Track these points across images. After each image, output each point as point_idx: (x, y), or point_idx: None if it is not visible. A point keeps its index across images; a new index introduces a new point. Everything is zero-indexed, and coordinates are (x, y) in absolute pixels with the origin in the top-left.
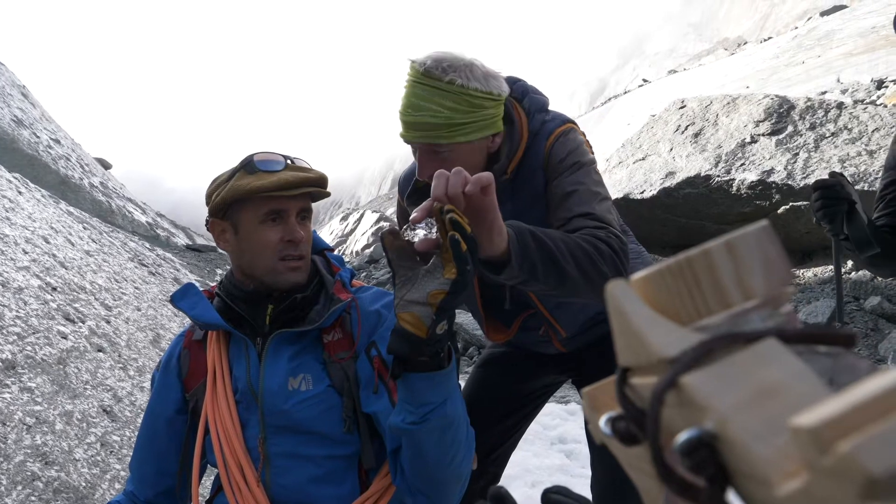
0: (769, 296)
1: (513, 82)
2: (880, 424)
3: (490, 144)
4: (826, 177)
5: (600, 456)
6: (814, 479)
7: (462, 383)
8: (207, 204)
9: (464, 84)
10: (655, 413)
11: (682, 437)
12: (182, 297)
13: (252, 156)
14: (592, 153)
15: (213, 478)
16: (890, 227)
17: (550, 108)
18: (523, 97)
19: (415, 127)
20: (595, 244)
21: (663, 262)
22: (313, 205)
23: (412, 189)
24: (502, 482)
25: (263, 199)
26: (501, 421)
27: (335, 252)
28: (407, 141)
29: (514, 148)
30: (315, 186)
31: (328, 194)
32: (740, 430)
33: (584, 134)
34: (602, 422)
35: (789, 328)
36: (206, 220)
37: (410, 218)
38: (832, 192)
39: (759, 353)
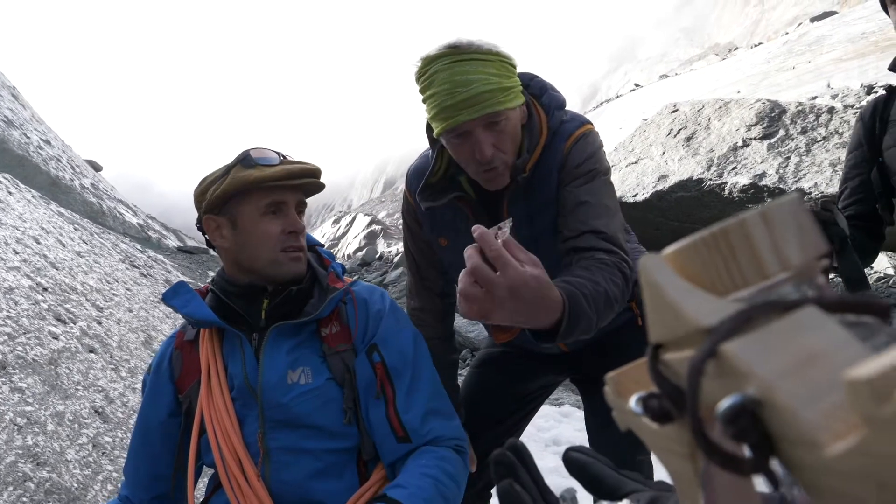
0: (805, 266)
1: (529, 79)
2: None
3: (523, 115)
4: (819, 201)
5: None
6: (871, 432)
7: (459, 384)
8: (199, 202)
9: (493, 50)
10: (695, 382)
11: (725, 403)
12: (174, 295)
13: (248, 151)
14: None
15: (206, 480)
16: (859, 218)
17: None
18: (542, 94)
19: (470, 103)
20: (615, 282)
21: (696, 234)
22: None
23: (424, 185)
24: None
25: (264, 192)
26: (500, 422)
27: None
28: (460, 127)
29: (534, 144)
30: (314, 176)
31: (323, 186)
32: (785, 395)
33: (599, 135)
34: (632, 401)
35: (828, 297)
36: (199, 219)
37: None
38: (824, 227)
39: (800, 321)
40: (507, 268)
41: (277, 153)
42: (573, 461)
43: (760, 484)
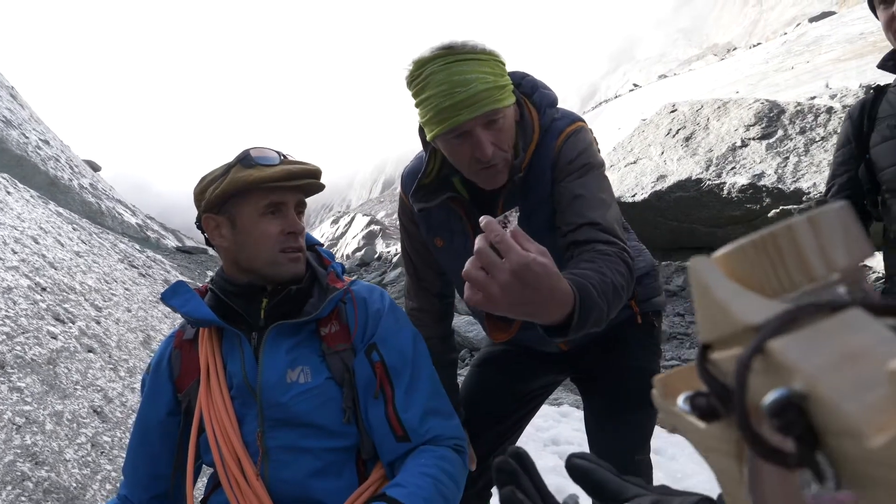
0: (850, 269)
1: (521, 77)
2: None
3: (515, 114)
4: (815, 200)
5: (598, 455)
6: None
7: (459, 383)
8: (199, 201)
9: (486, 49)
10: (743, 377)
11: (771, 396)
12: (173, 295)
13: (248, 150)
14: (600, 152)
15: (206, 479)
16: None
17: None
18: (533, 92)
19: (469, 102)
20: (620, 272)
21: (745, 238)
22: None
23: (417, 186)
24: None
25: (264, 192)
26: (500, 421)
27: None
28: (460, 127)
29: (527, 143)
30: (314, 177)
31: (323, 186)
32: (830, 389)
33: (591, 132)
34: (680, 400)
35: (873, 299)
36: (198, 218)
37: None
38: None
39: (845, 321)
40: (511, 252)
41: (278, 153)
42: (576, 467)
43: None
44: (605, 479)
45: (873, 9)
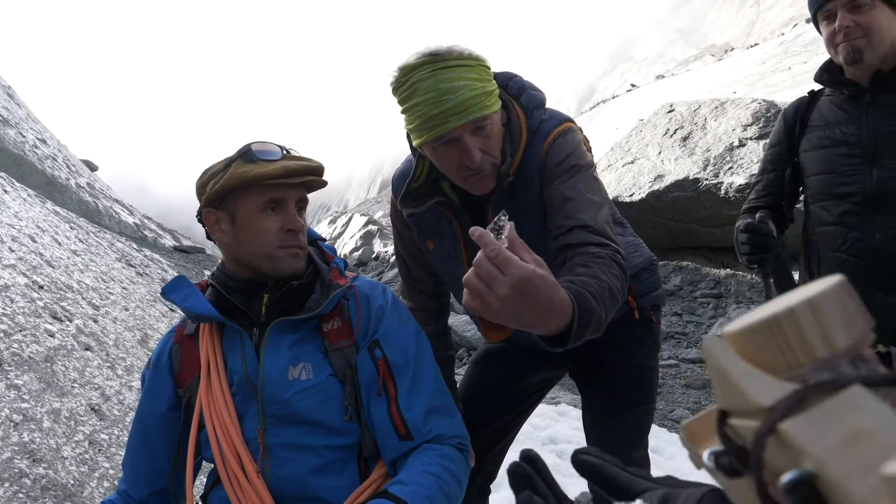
0: (852, 345)
1: (508, 78)
2: None
3: (502, 117)
4: (758, 216)
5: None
6: None
7: (458, 380)
8: (200, 194)
9: (472, 55)
10: (759, 456)
11: (787, 477)
12: (173, 290)
13: (249, 145)
14: (591, 152)
15: (206, 475)
16: (769, 209)
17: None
18: (521, 94)
19: (457, 109)
20: (615, 274)
21: (753, 320)
22: None
23: (406, 191)
24: (495, 481)
25: (264, 188)
26: (499, 417)
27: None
28: (448, 134)
29: (515, 147)
30: (315, 175)
31: (325, 183)
32: (837, 472)
33: (581, 131)
34: (706, 456)
35: (873, 374)
36: (199, 211)
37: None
38: (761, 239)
39: (848, 400)
40: (509, 266)
41: (280, 147)
42: (583, 463)
43: None
44: (614, 474)
45: (817, 25)
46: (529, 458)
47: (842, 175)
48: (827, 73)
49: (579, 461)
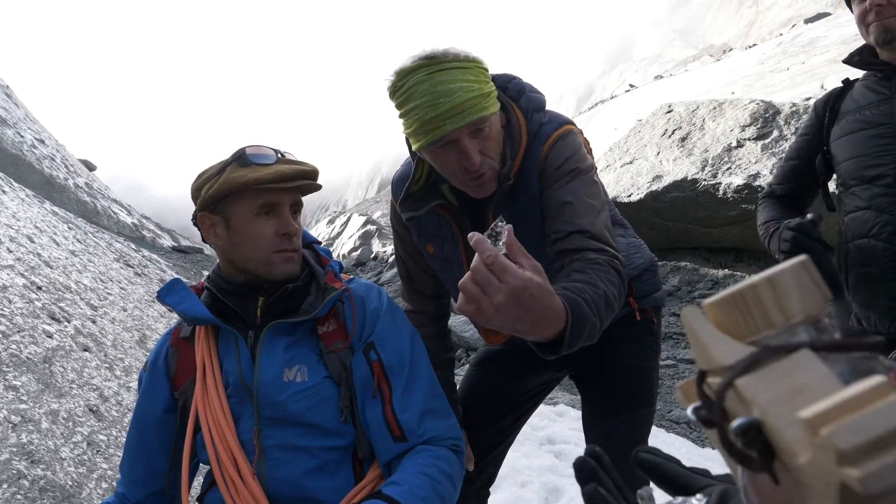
0: (807, 314)
1: (508, 80)
2: (852, 415)
3: (501, 120)
4: (809, 217)
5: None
6: (813, 452)
7: (457, 383)
8: (195, 198)
9: (469, 56)
10: (719, 405)
11: (735, 423)
12: (168, 293)
13: (244, 149)
14: (591, 154)
15: (204, 476)
16: (790, 196)
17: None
18: (520, 96)
19: (455, 111)
20: (612, 281)
21: (725, 292)
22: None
23: (405, 195)
24: (494, 482)
25: (258, 192)
26: (499, 420)
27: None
28: (446, 137)
29: (515, 149)
30: (309, 179)
31: (320, 187)
32: (776, 419)
33: (582, 133)
34: (689, 411)
35: (821, 340)
36: (194, 215)
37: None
38: (804, 240)
39: (795, 362)
40: (506, 273)
41: (275, 150)
42: (645, 462)
43: None
44: (674, 471)
45: (849, 3)
46: (595, 453)
47: (872, 157)
48: (859, 55)
49: (641, 459)
